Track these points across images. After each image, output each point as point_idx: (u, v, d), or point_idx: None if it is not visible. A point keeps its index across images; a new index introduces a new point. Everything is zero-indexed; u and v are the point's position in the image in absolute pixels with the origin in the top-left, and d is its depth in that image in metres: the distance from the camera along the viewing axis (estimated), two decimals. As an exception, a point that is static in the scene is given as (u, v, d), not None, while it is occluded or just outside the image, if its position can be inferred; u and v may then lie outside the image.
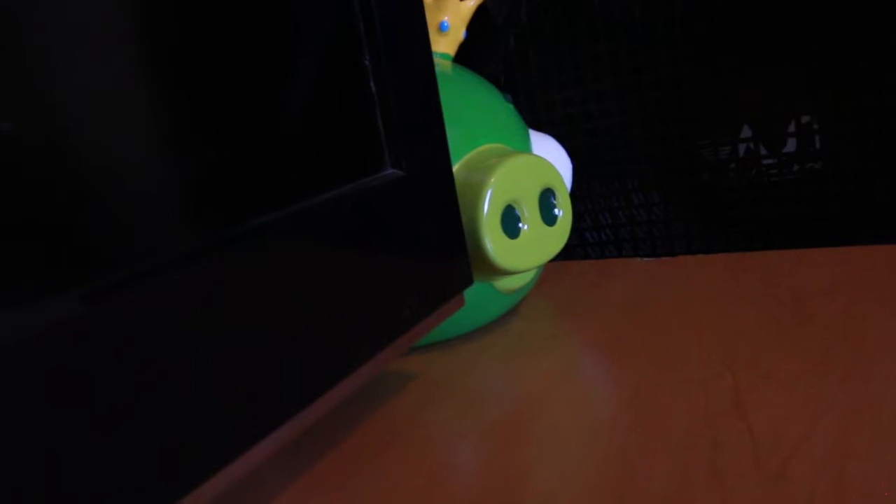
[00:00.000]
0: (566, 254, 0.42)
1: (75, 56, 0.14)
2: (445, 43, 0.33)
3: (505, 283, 0.30)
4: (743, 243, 0.37)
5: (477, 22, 0.39)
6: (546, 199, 0.30)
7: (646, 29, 0.36)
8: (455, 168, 0.28)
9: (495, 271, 0.28)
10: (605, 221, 0.40)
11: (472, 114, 0.30)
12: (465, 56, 0.40)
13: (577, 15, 0.37)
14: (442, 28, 0.33)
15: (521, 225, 0.28)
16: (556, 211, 0.30)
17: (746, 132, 0.37)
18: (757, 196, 0.36)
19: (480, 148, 0.29)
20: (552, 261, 0.41)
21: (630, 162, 0.38)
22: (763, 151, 0.37)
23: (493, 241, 0.27)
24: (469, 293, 0.29)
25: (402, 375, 0.29)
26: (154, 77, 0.15)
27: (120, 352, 0.14)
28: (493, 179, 0.27)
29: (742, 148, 0.37)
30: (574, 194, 0.41)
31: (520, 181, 0.28)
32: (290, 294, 0.19)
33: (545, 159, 0.29)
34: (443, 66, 0.33)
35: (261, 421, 0.17)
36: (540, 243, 0.29)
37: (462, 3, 0.33)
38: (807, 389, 0.22)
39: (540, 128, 0.40)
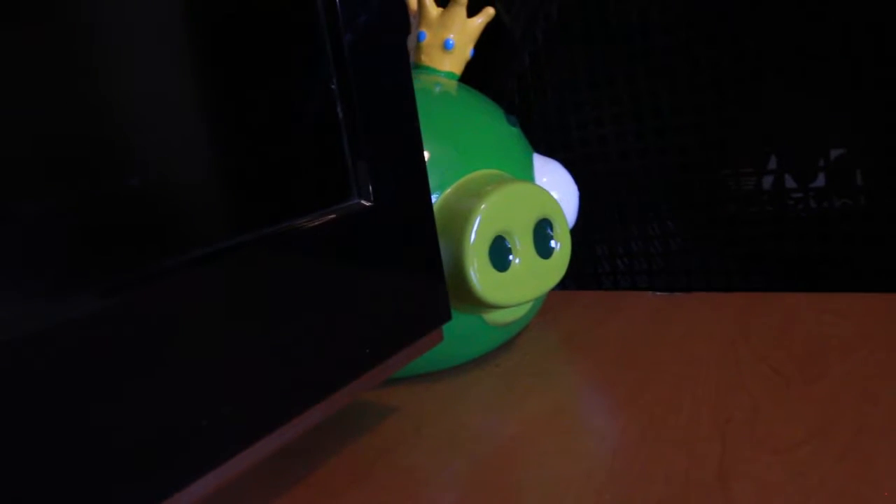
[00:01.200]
0: (578, 283, 0.40)
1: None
2: (451, 61, 0.32)
3: (496, 317, 0.28)
4: (763, 282, 0.34)
5: (493, 37, 0.38)
6: (542, 231, 0.28)
7: (666, 52, 0.34)
8: (446, 193, 0.27)
9: (482, 305, 0.26)
10: (620, 251, 0.38)
11: (470, 136, 0.29)
12: (480, 73, 0.39)
13: (594, 35, 0.35)
14: (447, 46, 0.32)
15: (511, 257, 0.27)
16: (552, 243, 0.28)
17: (773, 163, 0.34)
18: (781, 232, 0.34)
19: (476, 173, 0.28)
20: (562, 289, 0.39)
21: (648, 189, 0.36)
22: (790, 184, 0.34)
23: (479, 273, 0.26)
24: (458, 325, 0.28)
25: (380, 409, 0.27)
26: (117, 97, 0.15)
27: (77, 376, 0.13)
28: (482, 208, 0.26)
29: (768, 180, 0.35)
30: (588, 221, 0.39)
31: (513, 210, 0.26)
32: (249, 323, 0.18)
33: (542, 188, 0.28)
34: (446, 86, 0.31)
35: (218, 448, 0.16)
36: (533, 277, 0.27)
37: (469, 20, 0.32)
38: (800, 463, 0.19)
39: (554, 151, 0.38)
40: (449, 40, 0.32)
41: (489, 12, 0.33)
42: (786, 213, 0.34)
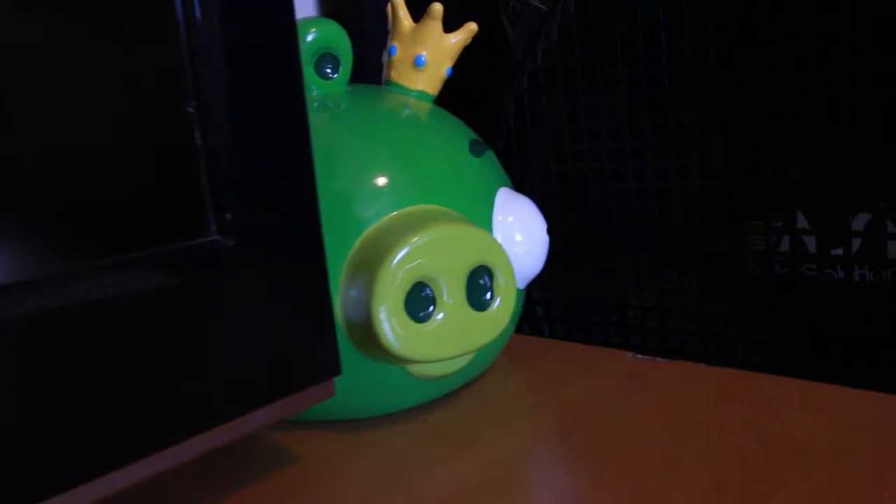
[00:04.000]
0: (567, 330, 0.36)
1: None
2: (423, 80, 0.29)
3: (422, 369, 0.26)
4: (787, 359, 0.29)
5: (497, 54, 0.35)
6: (477, 280, 0.25)
7: (675, 80, 0.30)
8: (373, 227, 0.24)
9: (394, 357, 0.24)
10: (612, 300, 0.34)
11: (418, 165, 0.26)
12: (481, 93, 0.36)
13: (595, 58, 0.32)
14: (417, 63, 0.29)
15: (431, 309, 0.24)
16: (486, 295, 0.25)
17: (802, 221, 0.29)
18: (811, 303, 0.29)
19: (412, 208, 0.25)
20: (547, 335, 0.35)
21: (647, 236, 0.32)
22: (811, 248, 0.29)
23: (390, 323, 0.23)
24: (380, 373, 0.25)
25: (278, 456, 0.25)
26: None
27: None
28: (400, 249, 0.23)
29: (793, 239, 0.30)
30: (574, 264, 0.35)
31: (441, 255, 0.23)
32: (90, 363, 0.16)
33: (482, 232, 0.24)
34: (405, 107, 0.29)
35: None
36: (460, 332, 0.24)
37: (446, 36, 0.29)
38: None
39: (547, 183, 0.34)
40: (420, 57, 0.29)
41: (470, 28, 0.30)
42: (816, 281, 0.29)
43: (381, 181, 0.25)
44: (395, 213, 0.25)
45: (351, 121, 0.27)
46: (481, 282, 0.25)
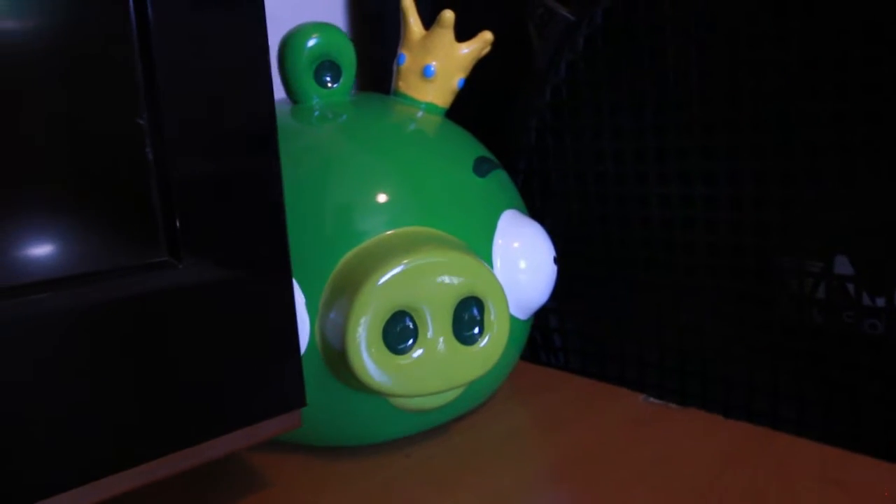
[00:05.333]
0: (582, 362, 0.34)
1: None
2: (432, 91, 0.28)
3: (402, 402, 0.24)
4: (815, 417, 0.26)
5: (522, 64, 0.33)
6: (465, 312, 0.23)
7: (705, 102, 0.27)
8: (357, 249, 0.23)
9: (369, 389, 0.22)
10: (627, 332, 0.31)
11: (413, 185, 0.24)
12: (502, 105, 0.34)
13: (622, 74, 0.29)
14: (426, 73, 0.27)
15: (410, 342, 0.22)
16: (474, 330, 0.23)
17: (842, 264, 0.26)
18: (847, 358, 0.26)
19: (402, 230, 0.23)
20: (559, 368, 0.33)
21: (670, 268, 0.30)
22: (855, 295, 0.26)
23: (366, 352, 0.21)
24: (362, 402, 0.24)
25: (249, 479, 0.24)
26: None
27: None
28: (379, 275, 0.21)
29: (831, 284, 0.27)
30: (587, 291, 0.33)
31: (426, 283, 0.22)
32: (31, 386, 0.16)
33: (475, 260, 0.23)
34: (409, 120, 0.27)
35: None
36: (444, 366, 0.22)
37: (457, 45, 0.27)
38: None
39: (568, 203, 0.32)
40: (429, 67, 0.27)
41: (485, 38, 0.28)
42: (837, 330, 0.26)
43: (373, 199, 0.24)
44: (383, 234, 0.23)
45: (349, 134, 0.26)
46: (468, 315, 0.23)
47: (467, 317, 0.23)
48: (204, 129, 0.18)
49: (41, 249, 0.16)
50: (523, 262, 0.26)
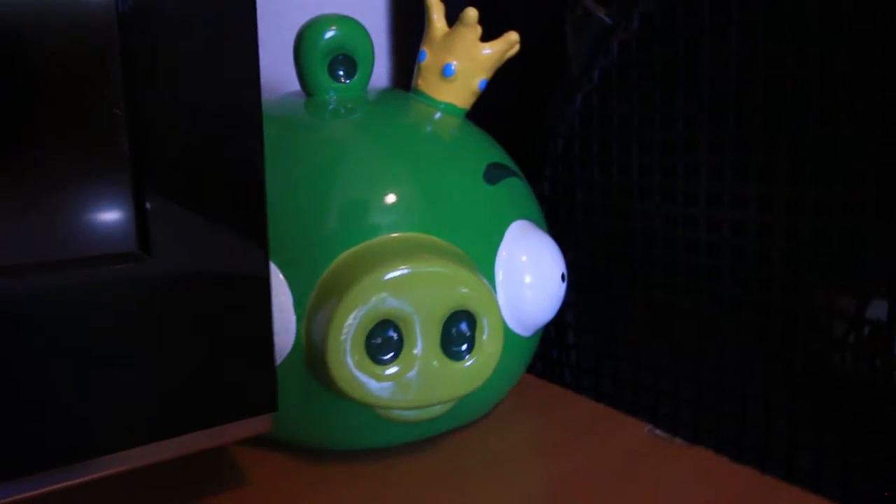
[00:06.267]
0: (595, 382, 0.32)
1: None
2: (452, 91, 0.27)
3: (387, 412, 0.23)
4: (834, 472, 0.24)
5: (556, 68, 0.31)
6: (455, 326, 0.22)
7: (743, 121, 0.25)
8: (348, 252, 0.22)
9: (346, 398, 0.21)
10: (646, 361, 0.30)
11: (417, 190, 0.23)
12: (531, 111, 0.33)
13: (655, 84, 0.27)
14: (445, 72, 0.26)
15: (392, 354, 0.21)
16: (462, 346, 0.22)
17: (881, 308, 0.24)
18: (881, 412, 0.24)
19: (398, 235, 0.23)
20: (580, 386, 0.32)
21: (690, 294, 0.28)
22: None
23: (349, 361, 0.21)
24: (346, 408, 0.23)
25: (229, 473, 0.24)
26: None
27: None
28: (367, 280, 0.21)
29: (868, 329, 0.24)
30: (612, 314, 0.31)
31: (415, 292, 0.21)
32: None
33: (470, 273, 0.22)
34: (427, 122, 0.26)
35: None
36: (430, 380, 0.22)
37: (480, 45, 0.26)
38: None
39: (591, 217, 0.31)
40: (450, 66, 0.26)
41: (510, 39, 0.27)
42: (864, 380, 0.24)
43: (373, 201, 0.23)
44: (380, 237, 0.22)
45: (357, 131, 0.25)
46: (459, 329, 0.22)
47: (457, 331, 0.22)
48: (183, 122, 0.17)
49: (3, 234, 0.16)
50: (529, 276, 0.25)
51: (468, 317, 0.22)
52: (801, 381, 0.25)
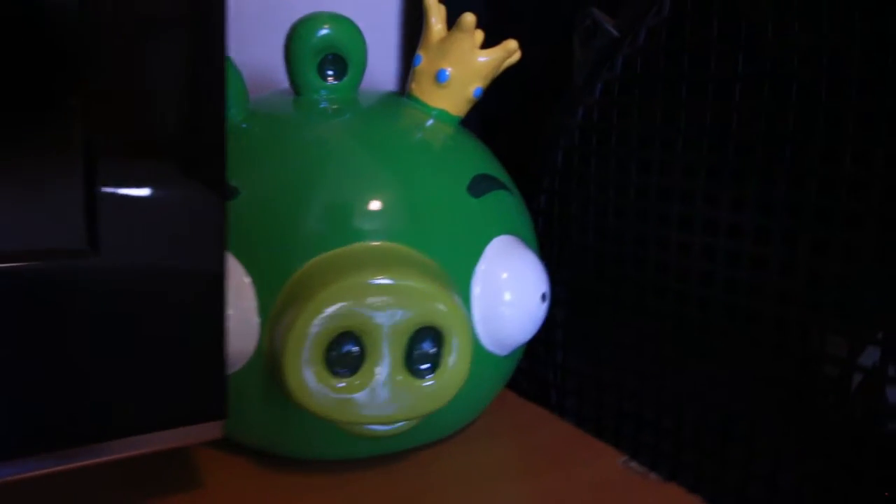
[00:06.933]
0: (578, 405, 0.31)
1: None
2: (445, 98, 0.26)
3: (349, 426, 0.22)
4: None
5: (564, 77, 0.31)
6: (421, 343, 0.21)
7: (743, 151, 0.24)
8: (317, 259, 0.21)
9: (308, 411, 0.21)
10: (629, 388, 0.29)
11: (394, 199, 0.23)
12: (536, 120, 0.32)
13: (656, 103, 0.26)
14: (439, 78, 0.25)
15: (354, 366, 0.21)
16: (426, 364, 0.21)
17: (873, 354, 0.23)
18: (887, 470, 0.22)
19: (370, 244, 0.22)
20: (563, 407, 0.31)
21: (679, 323, 0.27)
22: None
23: (307, 373, 0.20)
24: (304, 417, 0.22)
25: (180, 476, 0.23)
26: None
27: None
28: (330, 289, 0.20)
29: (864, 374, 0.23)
30: (600, 336, 0.30)
31: (381, 306, 0.20)
32: None
33: (442, 290, 0.21)
34: (414, 128, 0.25)
35: None
36: (391, 397, 0.21)
37: (477, 52, 0.25)
38: None
39: (585, 235, 0.30)
40: (444, 72, 0.25)
41: (507, 47, 0.26)
42: (858, 427, 0.22)
43: (350, 208, 0.22)
44: (353, 245, 0.22)
45: (344, 134, 0.24)
46: (424, 346, 0.21)
47: (422, 348, 0.21)
48: (140, 117, 0.17)
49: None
50: (509, 294, 0.24)
51: (436, 334, 0.21)
52: (787, 424, 0.24)
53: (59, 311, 0.17)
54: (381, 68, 0.41)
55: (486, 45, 0.26)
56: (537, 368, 0.33)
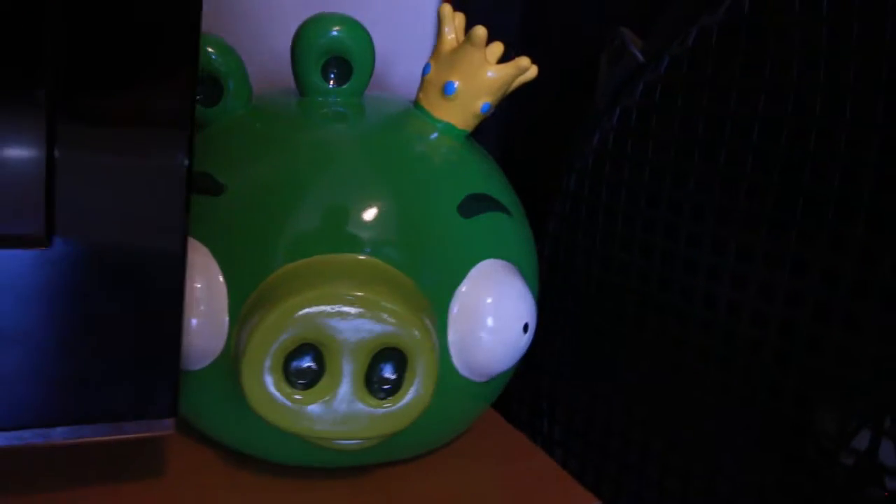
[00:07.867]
0: (565, 437, 0.30)
1: None
2: (451, 111, 0.25)
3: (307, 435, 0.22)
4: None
5: (584, 101, 0.29)
6: (384, 363, 0.20)
7: (753, 189, 0.22)
8: (290, 266, 0.21)
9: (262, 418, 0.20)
10: (618, 427, 0.27)
11: (384, 213, 0.22)
12: (559, 146, 0.31)
13: (671, 135, 0.25)
14: (446, 91, 0.25)
15: (308, 381, 0.20)
16: (387, 386, 0.21)
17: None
18: None
19: (347, 257, 0.21)
20: (550, 439, 0.30)
21: (675, 368, 0.25)
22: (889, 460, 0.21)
23: (266, 379, 0.20)
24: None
25: (141, 464, 0.23)
26: None
27: None
28: (292, 301, 0.20)
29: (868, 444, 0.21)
30: (593, 370, 0.29)
31: (346, 321, 0.20)
32: None
33: (410, 311, 0.20)
34: (414, 141, 0.24)
35: None
36: (347, 415, 0.20)
37: (486, 67, 0.24)
38: None
39: (589, 264, 0.29)
40: (451, 84, 0.25)
41: (519, 64, 0.25)
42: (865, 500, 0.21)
43: (335, 218, 0.22)
44: (330, 255, 0.21)
45: (340, 141, 0.24)
46: (385, 367, 0.20)
47: (385, 369, 0.21)
48: (106, 110, 0.16)
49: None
50: (492, 319, 0.23)
51: (401, 356, 0.21)
52: (775, 488, 0.23)
53: (14, 295, 0.17)
54: (417, 76, 0.40)
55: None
56: (530, 395, 0.32)
